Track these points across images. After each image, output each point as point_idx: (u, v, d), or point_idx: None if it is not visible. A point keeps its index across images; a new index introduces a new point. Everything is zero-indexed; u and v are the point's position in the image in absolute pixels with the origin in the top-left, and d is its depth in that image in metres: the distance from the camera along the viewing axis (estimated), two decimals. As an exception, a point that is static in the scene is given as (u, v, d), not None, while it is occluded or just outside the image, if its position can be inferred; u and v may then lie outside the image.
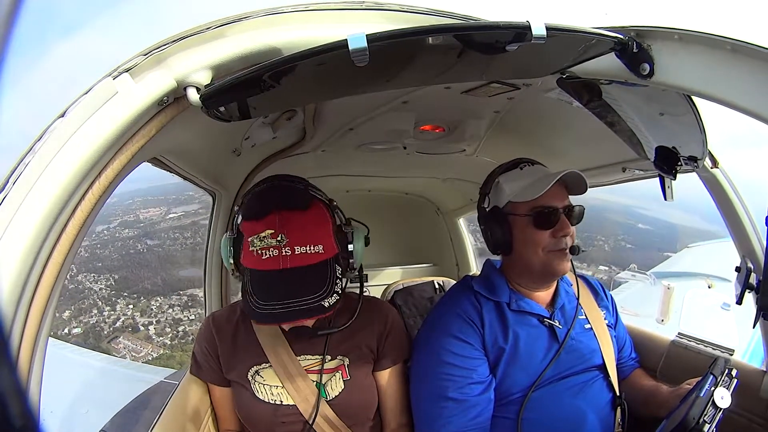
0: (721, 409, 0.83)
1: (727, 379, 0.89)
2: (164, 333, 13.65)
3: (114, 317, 14.46)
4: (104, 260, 16.29)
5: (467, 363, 1.07)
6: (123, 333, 14.05)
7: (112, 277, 15.95)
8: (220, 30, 0.69)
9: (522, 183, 1.15)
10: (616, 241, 18.75)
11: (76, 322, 14.31)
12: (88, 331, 14.22)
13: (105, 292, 15.30)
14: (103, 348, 13.23)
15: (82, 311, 14.60)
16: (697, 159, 1.04)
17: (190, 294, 12.18)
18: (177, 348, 12.63)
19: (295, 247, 0.84)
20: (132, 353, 13.17)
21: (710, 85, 0.66)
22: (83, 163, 0.59)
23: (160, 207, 16.88)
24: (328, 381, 1.06)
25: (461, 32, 0.64)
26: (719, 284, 5.13)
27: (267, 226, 0.86)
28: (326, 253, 0.88)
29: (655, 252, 19.93)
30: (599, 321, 1.23)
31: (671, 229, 24.09)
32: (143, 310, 14.58)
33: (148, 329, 13.98)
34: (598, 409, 1.11)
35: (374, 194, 2.84)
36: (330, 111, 1.30)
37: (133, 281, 16.19)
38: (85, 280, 15.41)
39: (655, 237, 23.12)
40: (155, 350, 13.25)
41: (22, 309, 0.56)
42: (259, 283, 0.87)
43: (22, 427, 0.28)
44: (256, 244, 0.86)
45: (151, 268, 16.39)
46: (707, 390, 0.86)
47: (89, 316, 14.60)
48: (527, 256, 1.12)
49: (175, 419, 1.07)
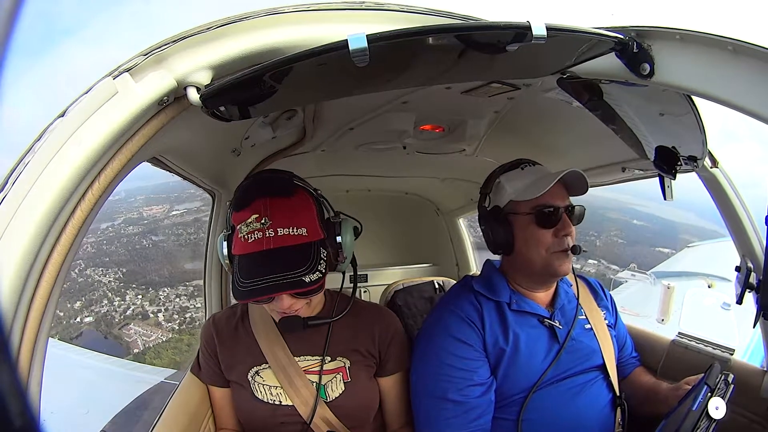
0: (716, 421, 0.82)
1: (723, 386, 0.87)
2: (172, 319, 14.49)
3: (124, 306, 15.25)
4: (111, 255, 16.90)
5: (467, 365, 1.07)
6: (133, 320, 14.87)
7: (120, 271, 16.58)
8: (221, 30, 0.69)
9: (523, 182, 1.15)
10: (608, 237, 18.87)
11: (87, 311, 15.03)
12: (100, 319, 14.98)
13: (114, 285, 16.03)
14: (115, 334, 14.16)
15: (93, 302, 15.35)
16: (696, 159, 1.04)
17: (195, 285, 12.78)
18: (185, 332, 13.49)
19: (278, 228, 0.86)
20: (143, 337, 13.99)
21: (710, 85, 0.66)
22: (83, 163, 0.59)
23: (163, 205, 17.30)
24: (329, 382, 1.06)
25: (461, 32, 0.64)
26: (719, 284, 5.13)
27: (252, 212, 0.89)
28: (309, 237, 0.89)
29: (646, 247, 20.21)
30: (599, 321, 1.23)
31: (665, 225, 24.27)
32: (152, 300, 15.43)
33: (158, 316, 14.79)
34: (598, 409, 1.11)
35: (374, 194, 2.84)
36: (330, 111, 1.30)
37: (140, 274, 16.83)
38: (94, 273, 16.04)
39: (649, 233, 23.27)
40: (165, 334, 14.09)
41: (22, 309, 0.56)
42: (244, 265, 0.89)
43: (22, 427, 0.28)
44: (243, 231, 0.89)
45: (158, 261, 17.02)
46: (700, 402, 0.84)
47: (100, 306, 15.35)
48: (528, 255, 1.12)
49: (175, 420, 1.07)
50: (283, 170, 1.02)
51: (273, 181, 0.97)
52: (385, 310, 1.22)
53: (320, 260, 0.89)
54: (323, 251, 0.91)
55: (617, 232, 20.43)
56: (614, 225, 20.61)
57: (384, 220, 3.00)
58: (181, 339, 13.21)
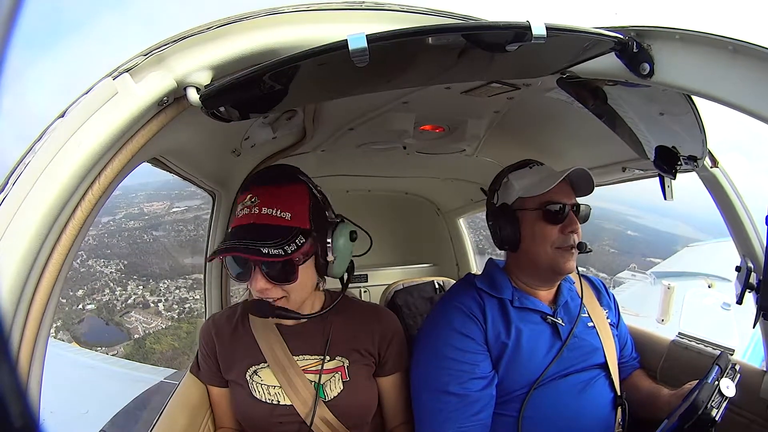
0: (727, 398, 0.84)
1: (732, 372, 0.90)
2: (172, 309, 15.25)
3: (125, 296, 15.92)
4: (113, 248, 17.47)
5: (469, 358, 1.07)
6: (134, 308, 15.57)
7: (122, 263, 17.18)
8: (221, 30, 0.69)
9: (531, 180, 1.16)
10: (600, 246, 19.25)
11: (89, 299, 15.67)
12: (102, 307, 15.64)
13: (116, 275, 16.67)
14: (117, 321, 14.91)
15: (95, 290, 15.99)
16: (696, 158, 1.04)
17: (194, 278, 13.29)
18: (184, 321, 14.27)
19: (263, 207, 0.93)
20: (143, 324, 14.76)
21: (710, 84, 0.66)
22: (83, 163, 0.59)
23: (164, 201, 17.71)
24: (327, 381, 1.06)
25: (461, 32, 0.64)
26: (719, 284, 5.13)
27: (249, 194, 0.97)
28: (293, 222, 0.93)
29: (638, 257, 20.61)
30: (602, 319, 1.23)
31: (660, 236, 24.93)
32: (152, 290, 16.15)
33: (158, 306, 15.51)
34: (599, 408, 1.11)
35: (374, 194, 2.83)
36: (330, 111, 1.30)
37: (141, 266, 17.42)
38: (96, 264, 16.63)
39: (641, 243, 23.86)
40: (164, 322, 14.87)
41: (22, 309, 0.56)
42: (229, 235, 0.96)
43: (22, 427, 0.28)
44: (238, 208, 0.97)
45: (158, 255, 17.61)
46: (714, 377, 0.87)
47: (102, 294, 16.01)
48: (535, 251, 1.13)
49: (175, 419, 1.07)
50: (291, 165, 1.06)
51: (274, 170, 1.05)
52: (384, 310, 1.23)
53: (293, 244, 0.91)
54: (302, 239, 0.93)
55: (609, 242, 20.86)
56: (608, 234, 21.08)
57: (384, 220, 3.00)
58: (180, 327, 13.98)
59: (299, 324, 1.09)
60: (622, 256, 19.92)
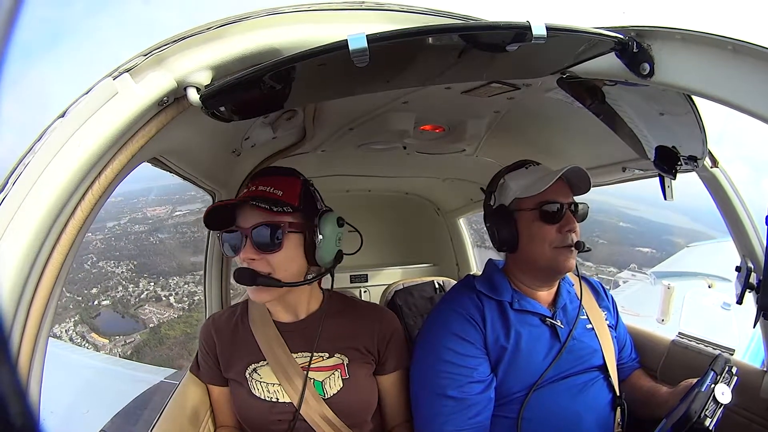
0: (722, 405, 0.83)
1: (728, 376, 0.89)
2: (182, 301, 16.75)
3: (138, 292, 17.28)
4: (121, 250, 18.58)
5: (468, 362, 1.07)
6: (148, 302, 17.04)
7: (132, 263, 18.33)
8: (221, 30, 0.69)
9: (527, 180, 1.16)
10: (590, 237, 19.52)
11: (104, 296, 17.03)
12: (117, 302, 17.03)
13: (127, 275, 17.92)
14: (131, 314, 16.36)
15: (108, 288, 17.34)
16: (696, 158, 1.04)
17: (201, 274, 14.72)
18: (194, 310, 15.67)
19: (260, 186, 1.03)
20: (157, 315, 16.28)
21: (710, 84, 0.66)
22: (83, 163, 0.59)
23: (166, 206, 18.40)
24: (326, 379, 1.06)
25: (461, 32, 0.64)
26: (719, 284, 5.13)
27: (252, 184, 1.05)
28: (284, 197, 1.00)
29: (626, 247, 20.99)
30: (601, 321, 1.23)
31: (651, 227, 25.02)
32: (163, 286, 17.60)
33: (169, 299, 17.00)
34: (598, 409, 1.11)
35: (374, 194, 2.83)
36: (330, 111, 1.30)
37: (150, 266, 18.61)
38: (107, 266, 17.84)
39: (632, 234, 23.87)
40: (176, 312, 16.43)
41: (22, 309, 0.56)
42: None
43: (22, 427, 0.28)
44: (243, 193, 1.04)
45: (166, 255, 18.68)
46: (708, 385, 0.86)
47: (115, 291, 17.41)
48: (533, 251, 1.13)
49: (175, 419, 1.07)
50: (289, 167, 1.11)
51: (273, 168, 1.12)
52: (384, 309, 1.23)
53: (280, 208, 0.97)
54: (290, 209, 0.98)
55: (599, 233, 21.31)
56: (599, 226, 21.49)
57: (384, 220, 3.00)
58: (191, 315, 15.50)
59: (298, 322, 1.09)
60: (611, 246, 20.18)
